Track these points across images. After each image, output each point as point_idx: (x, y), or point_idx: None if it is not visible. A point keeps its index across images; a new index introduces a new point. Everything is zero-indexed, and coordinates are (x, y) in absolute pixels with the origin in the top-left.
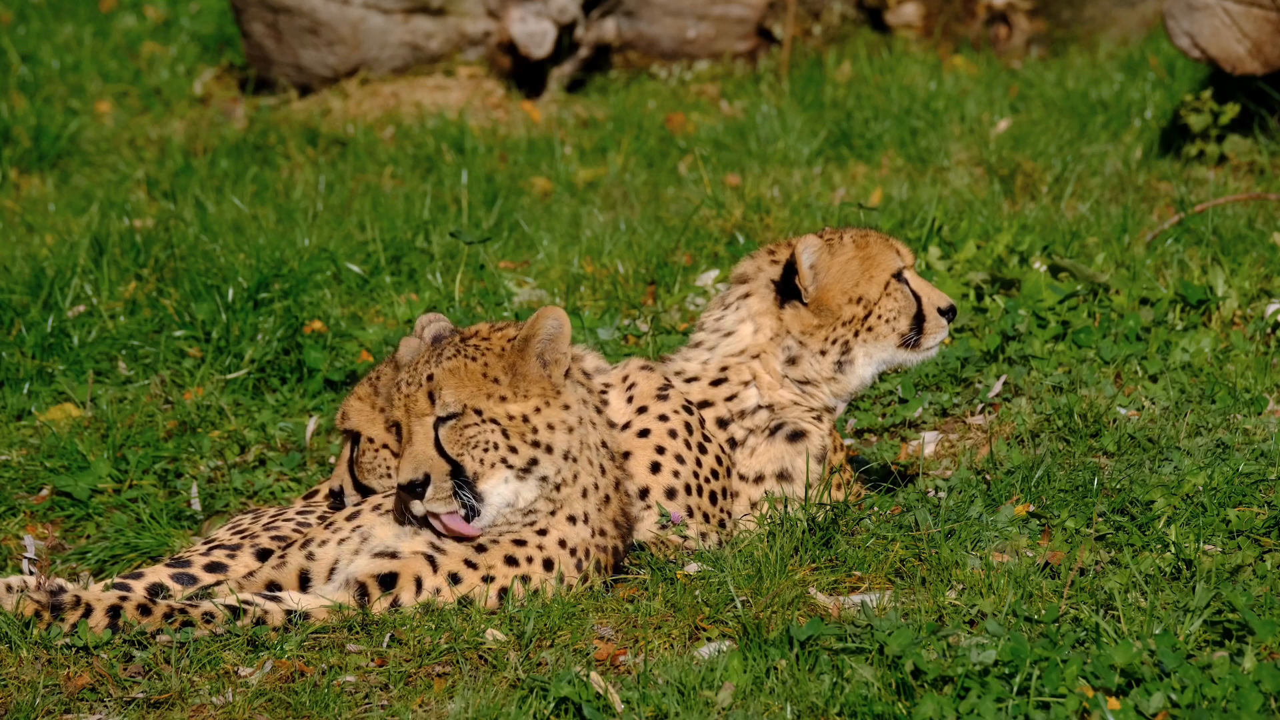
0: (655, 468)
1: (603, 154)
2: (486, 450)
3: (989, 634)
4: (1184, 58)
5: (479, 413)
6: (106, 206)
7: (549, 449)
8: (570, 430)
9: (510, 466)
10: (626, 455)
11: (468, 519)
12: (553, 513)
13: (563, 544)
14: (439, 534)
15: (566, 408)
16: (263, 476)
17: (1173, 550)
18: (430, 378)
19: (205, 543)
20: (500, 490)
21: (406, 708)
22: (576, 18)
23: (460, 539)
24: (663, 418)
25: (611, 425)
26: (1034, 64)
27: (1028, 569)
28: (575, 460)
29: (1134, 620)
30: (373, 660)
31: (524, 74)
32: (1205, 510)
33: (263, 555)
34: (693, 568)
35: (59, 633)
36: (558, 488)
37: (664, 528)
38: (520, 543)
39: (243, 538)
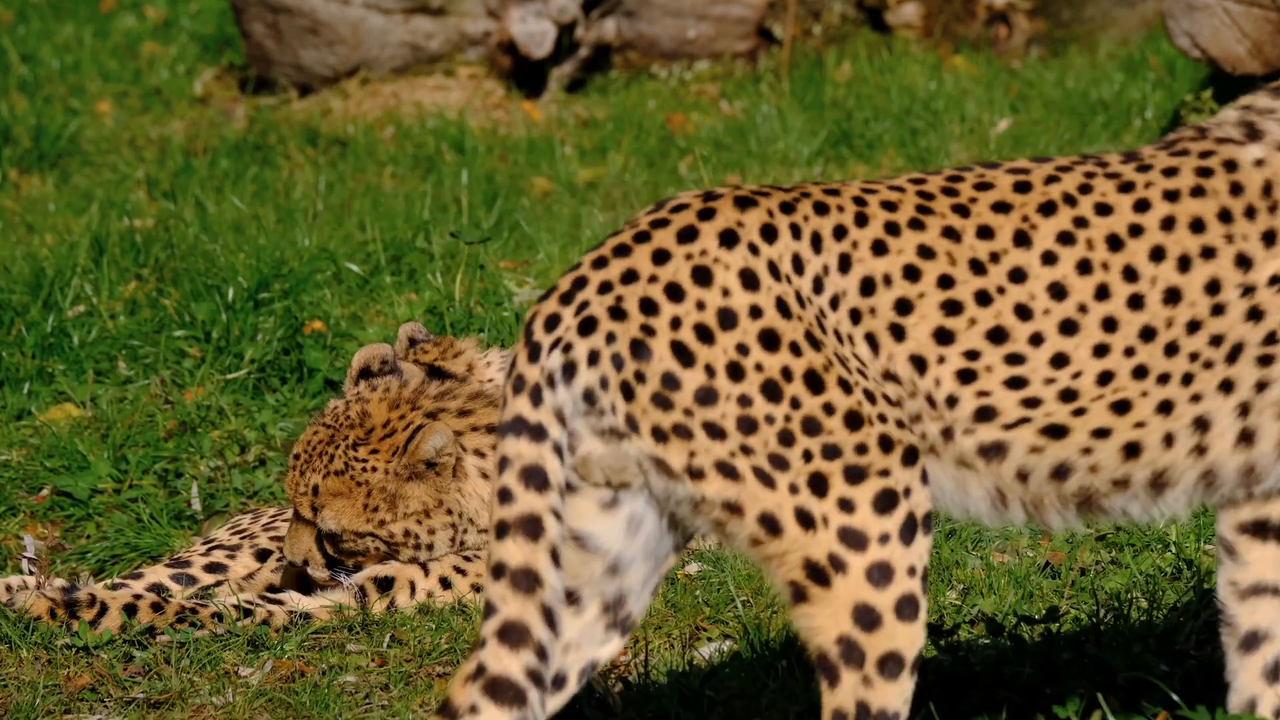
0: None
1: (603, 154)
2: (366, 554)
3: (989, 634)
4: (1184, 58)
5: (359, 534)
6: (106, 206)
7: (430, 547)
8: (454, 526)
9: (396, 556)
10: None
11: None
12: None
13: None
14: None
15: (449, 512)
16: (263, 476)
17: (1173, 550)
18: (315, 491)
19: (205, 543)
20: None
21: (407, 708)
22: (576, 18)
23: None
24: None
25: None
26: (1034, 64)
27: (1028, 569)
28: (467, 527)
29: (1134, 620)
30: (373, 660)
31: (524, 74)
32: (1206, 510)
33: (262, 556)
34: (693, 567)
35: (61, 632)
36: (456, 541)
37: None
38: None
39: (242, 538)
